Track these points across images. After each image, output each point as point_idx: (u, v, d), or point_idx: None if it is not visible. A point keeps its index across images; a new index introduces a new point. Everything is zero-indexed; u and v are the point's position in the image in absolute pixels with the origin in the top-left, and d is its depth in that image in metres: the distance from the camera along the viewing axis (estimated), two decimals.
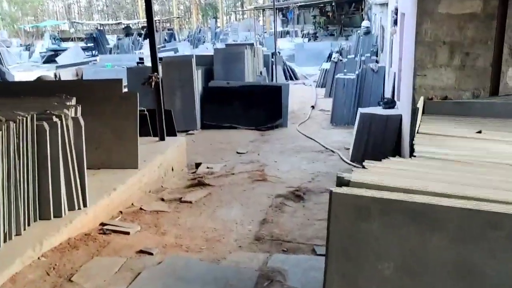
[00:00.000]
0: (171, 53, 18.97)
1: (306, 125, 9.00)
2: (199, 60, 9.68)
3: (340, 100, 8.93)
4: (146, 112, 5.63)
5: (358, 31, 14.81)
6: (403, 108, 5.63)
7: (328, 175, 5.30)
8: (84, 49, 24.37)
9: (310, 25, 39.36)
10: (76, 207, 3.69)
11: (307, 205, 4.49)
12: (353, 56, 12.23)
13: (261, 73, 10.07)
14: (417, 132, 3.35)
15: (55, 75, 14.09)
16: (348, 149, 6.89)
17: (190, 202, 4.48)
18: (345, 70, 9.30)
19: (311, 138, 7.64)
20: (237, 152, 6.88)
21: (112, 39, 26.49)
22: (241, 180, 5.12)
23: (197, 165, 5.87)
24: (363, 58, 12.01)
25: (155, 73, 5.37)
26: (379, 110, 6.05)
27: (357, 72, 9.04)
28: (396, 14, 6.50)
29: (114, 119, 4.57)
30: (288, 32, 35.17)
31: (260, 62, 10.31)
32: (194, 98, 8.57)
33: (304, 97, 12.07)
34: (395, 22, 6.54)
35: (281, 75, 13.94)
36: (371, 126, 5.70)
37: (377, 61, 11.68)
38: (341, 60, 12.03)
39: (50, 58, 24.26)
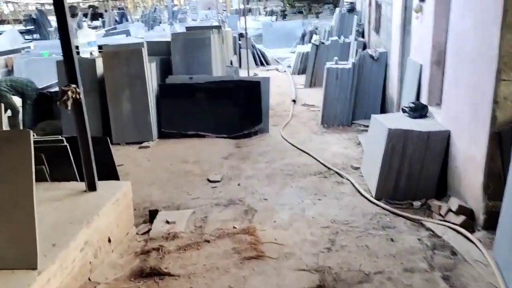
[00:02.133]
0: (123, 37, 16.58)
1: (291, 128, 7.18)
2: (152, 48, 7.61)
3: (332, 96, 7.14)
4: (65, 143, 3.62)
5: (339, 8, 12.99)
6: (453, 121, 3.90)
7: (354, 232, 3.51)
8: (23, 32, 21.40)
9: (273, 2, 37.24)
10: None
11: None
12: (336, 37, 10.40)
13: (231, 62, 8.10)
14: None
15: None
16: (357, 168, 5.14)
17: None
18: (336, 58, 7.46)
19: (304, 152, 5.83)
20: (209, 181, 4.99)
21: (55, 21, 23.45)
22: (222, 257, 3.17)
23: (152, 214, 3.94)
24: (348, 39, 10.23)
25: (72, 87, 3.34)
26: (409, 122, 4.28)
27: (352, 60, 7.24)
28: None
29: None
30: (250, 10, 32.95)
31: (229, 48, 8.33)
32: (147, 99, 6.56)
33: (281, 88, 10.21)
34: None
35: (250, 61, 11.98)
36: (405, 148, 3.94)
37: (365, 44, 9.94)
38: (322, 43, 10.19)
39: None
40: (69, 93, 3.16)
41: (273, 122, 7.31)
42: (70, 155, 3.56)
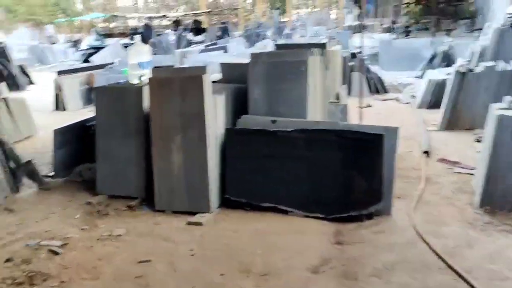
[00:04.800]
0: (219, 53, 14.96)
1: (427, 208, 4.45)
2: (230, 73, 5.47)
3: (506, 160, 4.27)
4: None
5: (490, 23, 9.78)
6: None
7: None
8: (127, 46, 21.19)
9: (389, 18, 33.84)
10: None
11: None
12: (493, 63, 7.34)
13: (337, 97, 5.56)
14: None
15: (56, 85, 10.55)
16: None
17: None
18: (509, 98, 4.57)
19: (467, 281, 3.10)
20: None
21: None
22: None
23: None
24: (510, 66, 7.11)
25: None
26: None
27: None
28: None
29: None
30: (364, 27, 29.93)
31: (336, 75, 5.79)
32: (206, 151, 4.35)
33: (405, 128, 7.35)
34: None
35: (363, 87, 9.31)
36: None
37: None
38: (471, 70, 7.20)
39: (90, 56, 21.25)
40: None
41: (395, 189, 4.62)
42: None
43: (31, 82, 15.07)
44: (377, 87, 10.90)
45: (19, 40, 25.52)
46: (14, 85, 14.27)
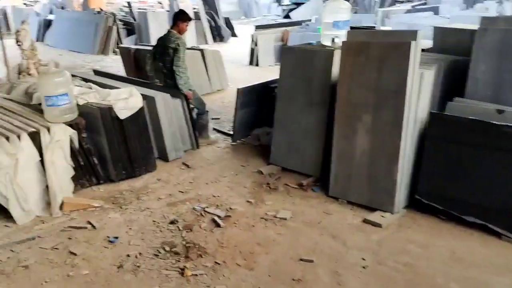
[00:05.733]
0: (429, 15, 13.09)
1: None
2: (441, 40, 4.41)
3: None
4: None
5: None
6: None
7: None
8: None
9: None
10: None
11: None
12: None
13: None
14: None
15: (253, 39, 10.59)
16: None
17: None
18: None
19: None
20: None
21: None
22: None
23: None
24: None
25: None
26: None
27: None
28: None
29: None
30: None
31: None
32: (399, 137, 3.48)
33: None
34: None
35: None
36: None
37: None
38: None
39: (291, 12, 21.33)
40: None
41: None
42: None
43: (233, 35, 15.76)
44: None
45: None
46: (218, 36, 15.13)
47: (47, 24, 15.25)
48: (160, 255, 3.15)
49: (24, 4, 20.30)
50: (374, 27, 10.07)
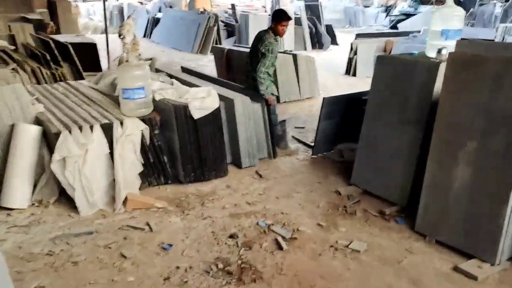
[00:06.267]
0: None
1: None
2: None
3: None
4: None
5: None
6: None
7: None
8: None
9: None
10: None
11: None
12: None
13: None
14: None
15: (352, 48, 10.01)
16: None
17: None
18: None
19: None
20: None
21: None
22: None
23: None
24: None
25: None
26: None
27: None
28: None
29: None
30: None
31: None
32: (510, 174, 2.82)
33: None
34: None
35: None
36: None
37: None
38: None
39: (399, 23, 20.29)
40: None
41: None
42: None
43: (334, 43, 15.23)
44: None
45: (336, 1, 26.54)
46: (318, 43, 14.71)
47: (156, 21, 16.02)
48: (211, 273, 2.85)
49: (140, 2, 21.68)
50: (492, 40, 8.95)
